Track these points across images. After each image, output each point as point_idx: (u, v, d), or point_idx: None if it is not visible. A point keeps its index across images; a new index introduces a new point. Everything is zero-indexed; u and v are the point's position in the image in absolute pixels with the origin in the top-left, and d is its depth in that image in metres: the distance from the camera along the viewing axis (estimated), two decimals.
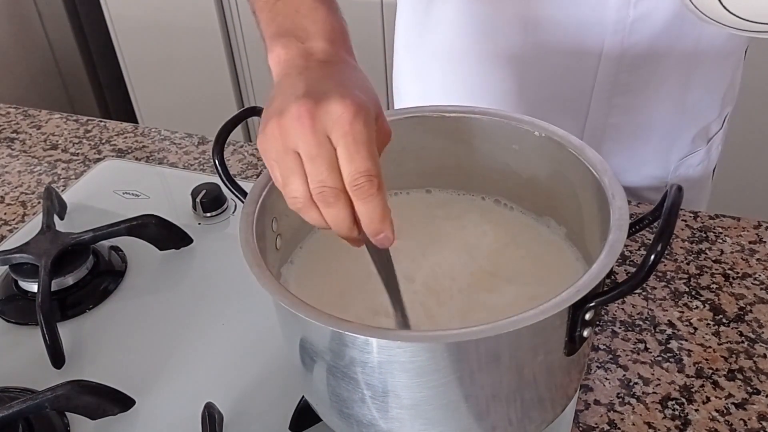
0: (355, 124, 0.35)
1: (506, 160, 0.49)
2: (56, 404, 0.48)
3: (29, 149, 0.83)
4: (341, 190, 0.36)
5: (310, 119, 0.35)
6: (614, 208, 0.40)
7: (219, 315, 0.59)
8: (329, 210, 0.37)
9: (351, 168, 0.35)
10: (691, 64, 0.66)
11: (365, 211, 0.36)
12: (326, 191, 0.36)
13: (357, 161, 0.35)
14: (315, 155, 0.36)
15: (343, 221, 0.37)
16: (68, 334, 0.57)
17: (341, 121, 0.35)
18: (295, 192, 0.37)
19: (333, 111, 0.35)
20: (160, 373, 0.54)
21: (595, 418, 0.49)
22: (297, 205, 0.37)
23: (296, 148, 0.36)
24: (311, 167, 0.36)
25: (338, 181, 0.36)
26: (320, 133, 0.35)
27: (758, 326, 0.55)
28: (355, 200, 0.36)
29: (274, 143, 0.37)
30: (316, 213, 0.37)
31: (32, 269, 0.60)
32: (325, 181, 0.36)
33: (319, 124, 0.35)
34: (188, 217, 0.69)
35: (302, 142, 0.36)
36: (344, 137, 0.35)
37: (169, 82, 1.78)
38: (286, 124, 0.36)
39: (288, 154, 0.36)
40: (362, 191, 0.36)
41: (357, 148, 0.35)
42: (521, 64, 0.67)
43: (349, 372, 0.38)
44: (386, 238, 0.37)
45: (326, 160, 0.36)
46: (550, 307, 0.35)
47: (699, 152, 0.74)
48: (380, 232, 0.37)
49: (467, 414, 0.39)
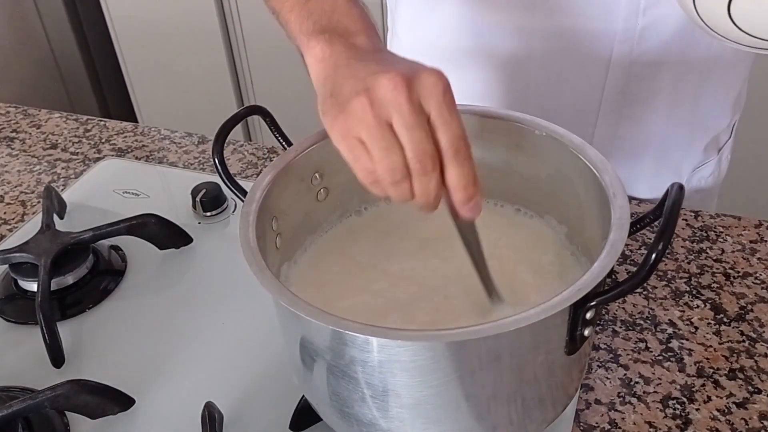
0: (448, 92, 0.36)
1: (507, 159, 0.49)
2: (56, 403, 0.48)
3: (29, 148, 0.83)
4: (437, 158, 0.36)
5: (406, 88, 0.36)
6: (615, 207, 0.40)
7: (219, 314, 0.59)
8: (424, 179, 0.37)
9: (450, 134, 0.36)
10: (701, 72, 0.65)
11: (461, 175, 0.37)
12: (426, 159, 0.36)
13: (454, 127, 0.36)
14: (414, 124, 0.36)
15: (434, 189, 0.37)
16: (68, 334, 0.57)
17: (437, 89, 0.36)
18: (395, 163, 0.37)
19: (426, 81, 0.36)
20: (160, 373, 0.54)
21: (596, 418, 0.49)
22: (396, 177, 0.37)
23: (390, 120, 0.36)
24: (410, 136, 0.36)
25: (435, 149, 0.36)
26: (416, 102, 0.36)
27: (759, 325, 0.55)
28: (453, 166, 0.37)
29: (363, 119, 0.36)
30: (408, 186, 0.37)
31: (32, 268, 0.60)
32: (426, 149, 0.36)
33: (414, 93, 0.36)
34: (188, 217, 0.68)
35: (399, 112, 0.36)
36: (440, 104, 0.36)
37: (169, 81, 1.78)
38: (380, 96, 0.36)
39: (382, 127, 0.36)
40: (461, 155, 0.37)
41: (451, 114, 0.36)
42: (527, 74, 0.66)
43: (350, 371, 0.38)
44: (477, 205, 0.38)
45: (424, 129, 0.36)
46: (551, 306, 0.35)
47: (710, 163, 0.73)
48: (473, 197, 0.37)
49: (468, 413, 0.39)
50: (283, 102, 0.68)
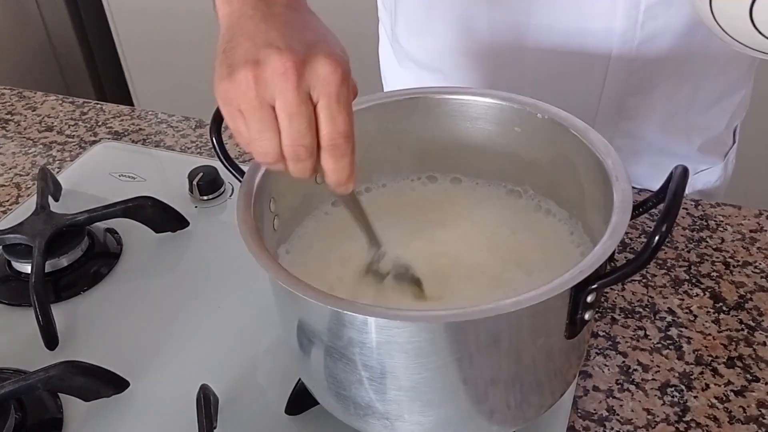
0: (342, 87, 0.35)
1: (508, 142, 0.49)
2: (49, 385, 0.48)
3: (24, 131, 0.82)
4: (315, 149, 0.36)
5: (295, 76, 0.34)
6: (617, 191, 0.39)
7: (215, 298, 0.58)
8: (298, 164, 0.37)
9: (331, 128, 0.35)
10: (700, 73, 0.64)
11: (336, 168, 0.37)
12: (301, 150, 0.36)
13: (338, 122, 0.35)
14: (295, 113, 0.35)
15: (308, 171, 0.37)
16: (62, 316, 0.57)
17: (330, 81, 0.35)
18: (267, 148, 0.36)
19: (321, 70, 0.35)
20: (155, 356, 0.53)
21: (594, 404, 0.49)
22: (267, 159, 0.37)
23: (272, 103, 0.35)
24: (289, 124, 0.35)
25: (314, 139, 0.36)
26: (304, 91, 0.35)
27: (758, 314, 0.55)
28: (329, 158, 0.36)
29: (246, 93, 0.35)
30: (281, 165, 0.37)
31: (26, 250, 0.60)
32: (303, 140, 0.35)
33: (304, 82, 0.35)
34: (185, 200, 0.68)
35: (283, 98, 0.35)
36: (330, 98, 0.35)
37: (165, 65, 1.76)
38: (266, 77, 0.35)
39: (263, 108, 0.35)
40: (339, 151, 0.36)
41: (339, 110, 0.35)
42: (522, 73, 0.65)
43: (347, 353, 0.38)
44: (347, 190, 0.38)
45: (306, 118, 0.35)
46: (551, 289, 0.34)
47: (717, 168, 0.72)
48: (344, 186, 0.38)
49: (466, 397, 0.39)
50: None
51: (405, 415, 0.39)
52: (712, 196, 0.73)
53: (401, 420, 0.40)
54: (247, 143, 0.37)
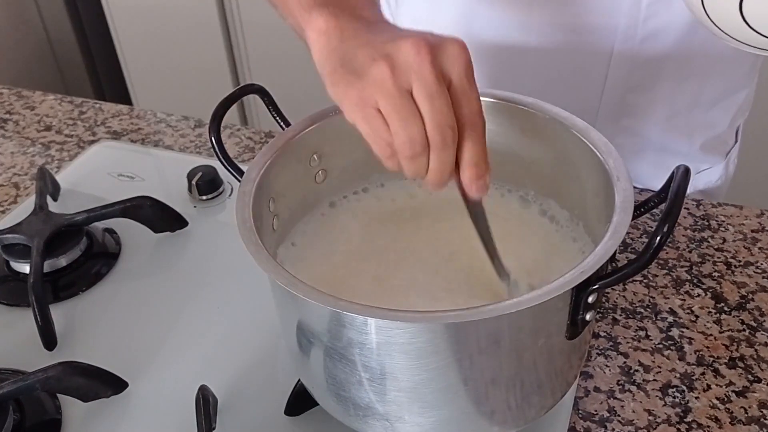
0: (470, 64, 0.35)
1: (509, 142, 0.48)
2: (47, 386, 0.47)
3: (22, 130, 0.82)
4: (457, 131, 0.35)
5: (430, 54, 0.34)
6: (619, 190, 0.39)
7: (214, 298, 0.58)
8: (443, 152, 0.35)
9: (470, 107, 0.35)
10: (702, 72, 0.64)
11: (475, 151, 0.35)
12: (447, 131, 0.35)
13: (474, 100, 0.35)
14: (435, 92, 0.34)
15: (450, 164, 0.36)
16: (61, 316, 0.56)
17: (460, 60, 0.34)
18: (414, 134, 0.35)
19: (451, 50, 0.34)
20: (154, 356, 0.53)
21: (595, 405, 0.48)
22: (415, 149, 0.35)
23: (410, 88, 0.34)
24: (432, 105, 0.34)
25: (455, 120, 0.35)
26: (439, 70, 0.34)
27: (760, 314, 0.54)
28: (469, 140, 0.35)
29: (383, 86, 0.34)
30: (425, 159, 0.35)
31: (24, 250, 0.59)
32: (448, 120, 0.34)
33: (438, 62, 0.34)
34: (184, 200, 0.68)
35: (422, 78, 0.34)
36: (462, 77, 0.34)
37: (164, 64, 1.76)
38: (402, 62, 0.34)
39: (403, 96, 0.34)
40: (478, 131, 0.35)
41: (472, 87, 0.35)
42: (524, 71, 0.65)
43: (347, 354, 0.37)
44: (486, 184, 0.37)
45: (447, 99, 0.34)
46: (553, 289, 0.34)
47: (718, 167, 0.72)
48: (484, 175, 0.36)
49: (466, 398, 0.39)
50: (281, 86, 0.68)
51: (405, 416, 0.39)
52: (713, 195, 0.73)
53: (401, 421, 0.40)
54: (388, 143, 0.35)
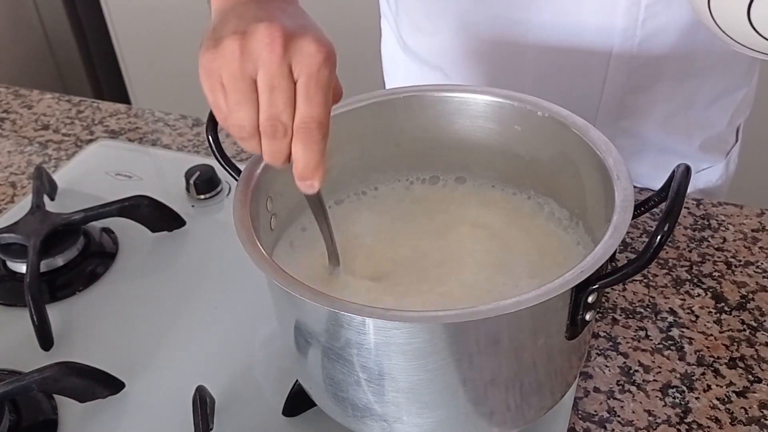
0: (324, 69, 0.34)
1: (508, 141, 0.48)
2: (44, 386, 0.47)
3: (20, 129, 0.81)
4: (290, 127, 0.35)
5: (281, 47, 0.34)
6: (619, 189, 0.39)
7: (211, 298, 0.57)
8: (273, 142, 0.35)
9: (306, 110, 0.35)
10: (701, 73, 0.63)
11: (303, 155, 0.35)
12: (278, 126, 0.35)
13: (313, 105, 0.35)
14: (276, 86, 0.34)
15: (281, 155, 0.36)
16: (57, 316, 0.56)
17: (312, 60, 0.34)
18: (243, 121, 0.35)
19: (306, 48, 0.34)
20: (151, 357, 0.53)
21: (595, 406, 0.48)
22: (241, 134, 0.36)
23: (254, 75, 0.34)
24: (268, 98, 0.34)
25: (291, 117, 0.35)
26: (287, 65, 0.34)
27: (760, 314, 0.54)
28: (298, 142, 0.35)
29: (230, 64, 0.34)
30: (256, 143, 0.36)
31: (21, 249, 0.59)
32: (280, 116, 0.35)
33: (288, 56, 0.34)
34: (181, 200, 0.67)
35: (266, 69, 0.34)
36: (309, 77, 0.34)
37: (162, 63, 1.75)
38: (252, 47, 0.34)
39: (244, 79, 0.34)
40: (309, 135, 0.35)
41: (317, 92, 0.34)
42: (522, 71, 0.65)
43: (345, 354, 0.37)
44: (312, 187, 0.36)
45: (286, 93, 0.34)
46: (552, 289, 0.34)
47: (718, 166, 0.72)
48: (311, 179, 0.36)
49: (465, 398, 0.38)
50: None
51: (403, 417, 0.39)
52: (714, 195, 0.72)
53: (399, 422, 0.39)
54: (225, 117, 0.36)
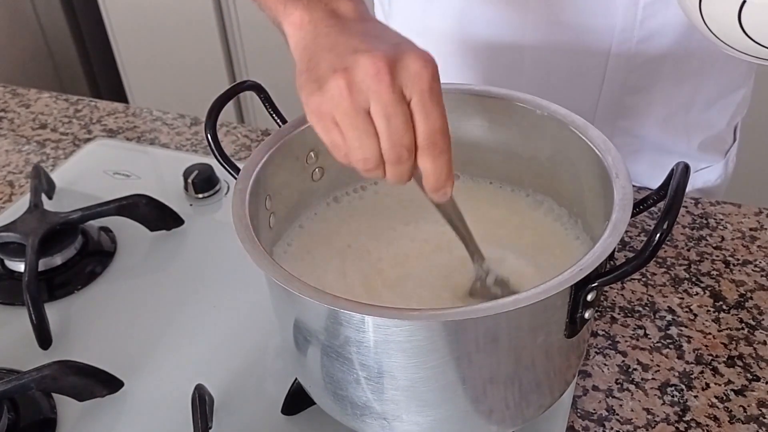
0: (434, 82, 0.35)
1: (506, 139, 0.48)
2: (42, 385, 0.47)
3: (17, 128, 0.81)
4: (414, 149, 0.35)
5: (389, 75, 0.34)
6: (618, 188, 0.39)
7: (210, 297, 0.57)
8: (397, 168, 0.36)
9: (428, 125, 0.35)
10: (700, 72, 0.63)
11: (435, 168, 0.36)
12: (403, 151, 0.35)
13: (433, 119, 0.35)
14: (392, 113, 0.34)
15: (407, 174, 0.36)
16: (56, 315, 0.56)
17: (421, 78, 0.34)
18: (368, 153, 0.35)
19: (413, 68, 0.34)
20: (150, 355, 0.53)
21: (594, 404, 0.48)
22: (368, 166, 0.36)
23: (367, 107, 0.35)
24: (387, 126, 0.35)
25: (413, 139, 0.35)
26: (398, 90, 0.34)
27: (758, 313, 0.54)
28: (427, 157, 0.35)
29: (340, 102, 0.34)
30: (381, 171, 0.36)
31: (19, 248, 0.59)
32: (403, 141, 0.35)
33: (397, 81, 0.34)
34: (180, 198, 0.67)
35: (379, 100, 0.34)
36: (423, 95, 0.34)
37: (160, 62, 1.75)
38: (359, 82, 0.34)
39: (359, 115, 0.34)
40: (435, 149, 0.35)
41: (433, 107, 0.35)
42: (520, 69, 0.65)
43: (344, 352, 0.37)
44: (445, 195, 0.37)
45: (403, 118, 0.35)
46: (551, 287, 0.34)
47: (717, 166, 0.72)
48: (443, 188, 0.37)
49: (464, 396, 0.38)
50: (278, 83, 0.67)
51: (403, 415, 0.39)
52: (712, 194, 0.73)
53: (399, 420, 0.39)
54: (345, 154, 0.36)
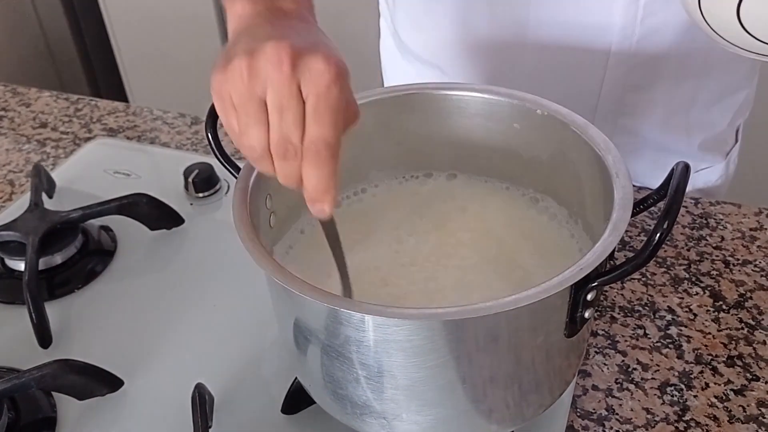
0: (333, 87, 0.34)
1: (507, 139, 0.48)
2: (42, 383, 0.47)
3: (18, 127, 0.81)
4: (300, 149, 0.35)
5: (290, 66, 0.33)
6: (618, 187, 0.39)
7: (210, 296, 0.57)
8: (284, 164, 0.35)
9: (314, 131, 0.34)
10: (700, 72, 0.63)
11: (313, 177, 0.35)
12: (288, 147, 0.34)
13: (323, 125, 0.34)
14: (286, 107, 0.34)
15: (294, 176, 0.35)
16: (56, 314, 0.56)
17: (321, 79, 0.34)
18: (254, 141, 0.35)
19: (315, 66, 0.34)
20: (150, 354, 0.53)
21: (593, 404, 0.48)
22: (253, 155, 0.35)
23: (263, 95, 0.34)
24: (278, 118, 0.34)
25: (301, 138, 0.34)
26: (295, 84, 0.34)
27: (758, 313, 0.54)
28: (309, 165, 0.35)
29: (238, 85, 0.34)
30: (269, 164, 0.36)
31: (19, 247, 0.59)
32: (290, 137, 0.34)
33: (296, 75, 0.34)
34: (180, 198, 0.67)
35: (275, 90, 0.34)
36: (318, 97, 0.34)
37: (161, 61, 1.75)
38: (260, 66, 0.34)
39: (253, 100, 0.34)
40: (318, 157, 0.34)
41: (326, 112, 0.34)
42: (521, 68, 0.65)
43: (344, 351, 0.37)
44: (322, 211, 0.36)
45: (296, 114, 0.34)
46: (552, 286, 0.34)
47: (718, 167, 0.72)
48: (322, 202, 0.35)
49: (464, 396, 0.38)
50: None
51: (402, 415, 0.39)
52: (713, 195, 0.73)
53: (399, 419, 0.39)
54: (237, 138, 0.36)
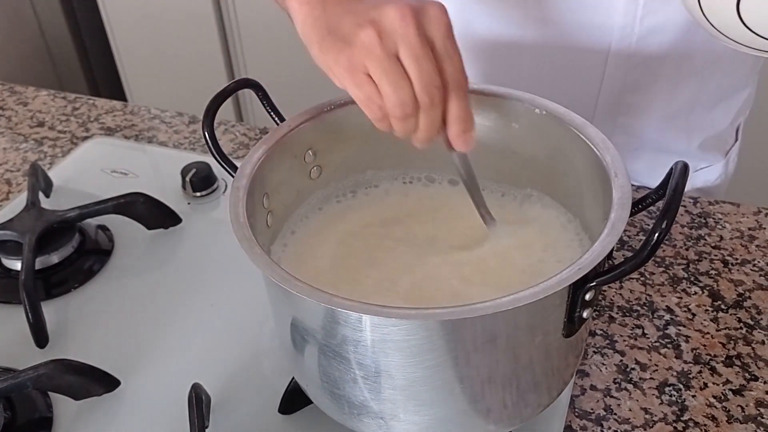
0: (451, 26, 0.37)
1: (505, 138, 0.48)
2: (39, 383, 0.47)
3: (15, 126, 0.81)
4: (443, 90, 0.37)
5: (414, 18, 0.36)
6: (616, 187, 0.39)
7: (207, 296, 0.57)
8: (431, 112, 0.37)
9: (454, 66, 0.37)
10: (701, 72, 0.63)
11: (461, 108, 0.37)
12: (434, 91, 0.36)
13: (456, 60, 0.37)
14: (421, 55, 0.36)
15: (436, 122, 0.38)
16: (52, 314, 0.56)
17: (442, 21, 0.36)
18: (404, 97, 0.36)
19: (432, 13, 0.36)
20: (147, 354, 0.53)
21: (592, 404, 0.48)
22: (406, 110, 0.37)
23: (398, 52, 0.36)
24: (418, 68, 0.36)
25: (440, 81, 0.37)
26: (423, 34, 0.36)
27: (757, 312, 0.54)
28: (455, 98, 0.37)
29: (372, 51, 0.36)
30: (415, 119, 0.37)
31: (16, 246, 0.59)
32: (434, 81, 0.36)
33: (421, 24, 0.36)
34: (177, 197, 0.67)
35: (408, 42, 0.36)
36: (444, 38, 0.36)
37: (159, 60, 1.75)
38: (388, 27, 0.36)
39: (391, 59, 0.36)
40: (461, 89, 0.37)
41: (455, 49, 0.37)
42: (519, 67, 0.64)
43: (341, 351, 0.37)
44: (470, 139, 0.39)
45: (431, 60, 0.36)
46: (550, 286, 0.34)
47: (717, 166, 0.72)
48: (470, 130, 0.38)
49: (462, 396, 0.38)
50: (277, 81, 0.68)
51: (400, 415, 0.39)
52: (712, 194, 0.72)
53: (396, 419, 0.39)
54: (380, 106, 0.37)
